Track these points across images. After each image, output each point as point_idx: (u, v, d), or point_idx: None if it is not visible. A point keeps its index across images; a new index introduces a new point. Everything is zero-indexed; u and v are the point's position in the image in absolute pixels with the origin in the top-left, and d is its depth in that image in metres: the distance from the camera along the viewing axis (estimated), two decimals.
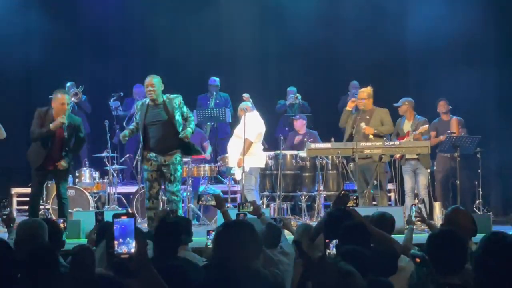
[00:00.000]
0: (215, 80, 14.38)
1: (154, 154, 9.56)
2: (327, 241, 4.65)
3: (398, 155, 11.57)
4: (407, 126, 11.83)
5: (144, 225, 10.40)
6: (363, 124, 11.17)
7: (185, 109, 9.68)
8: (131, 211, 10.33)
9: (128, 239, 3.25)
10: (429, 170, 11.76)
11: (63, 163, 9.65)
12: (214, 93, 14.26)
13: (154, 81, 9.59)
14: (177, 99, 9.63)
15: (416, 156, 11.55)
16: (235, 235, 3.88)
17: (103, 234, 5.51)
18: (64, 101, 9.62)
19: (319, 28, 15.07)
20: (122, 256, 3.24)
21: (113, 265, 3.32)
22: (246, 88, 15.25)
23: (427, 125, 11.77)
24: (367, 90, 11.51)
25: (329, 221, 4.78)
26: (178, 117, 9.55)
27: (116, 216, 3.28)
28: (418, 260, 4.11)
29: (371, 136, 11.16)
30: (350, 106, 11.47)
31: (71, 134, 9.72)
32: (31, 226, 5.18)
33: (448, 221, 5.36)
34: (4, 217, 6.58)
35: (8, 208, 6.54)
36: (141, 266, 3.28)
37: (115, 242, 3.24)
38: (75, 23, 15.17)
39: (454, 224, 5.14)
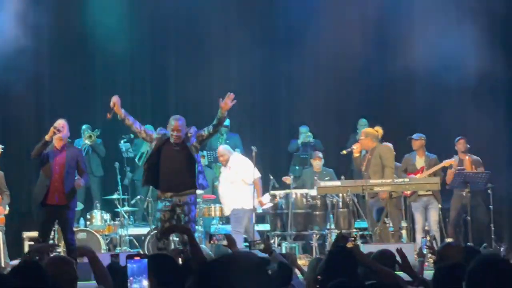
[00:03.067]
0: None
1: (169, 195, 9.38)
2: (318, 277, 4.65)
3: (409, 192, 11.52)
4: (420, 162, 11.81)
5: None
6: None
7: (204, 132, 9.46)
8: (142, 253, 10.30)
9: (140, 278, 3.33)
10: (440, 206, 11.72)
11: (80, 183, 9.73)
12: (224, 134, 14.30)
13: (181, 125, 9.36)
14: (191, 134, 9.44)
15: (431, 192, 11.52)
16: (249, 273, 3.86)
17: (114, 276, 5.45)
18: (59, 122, 9.79)
19: (328, 66, 15.17)
20: None
21: None
22: (256, 127, 15.39)
23: (454, 159, 11.81)
24: (364, 130, 11.69)
25: (330, 259, 4.77)
26: (196, 157, 9.44)
27: (130, 256, 3.37)
28: None
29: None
30: (356, 152, 11.50)
31: (72, 158, 9.80)
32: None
33: (441, 258, 5.25)
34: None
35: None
36: None
37: (128, 281, 3.31)
38: (85, 67, 15.30)
39: (446, 260, 5.03)
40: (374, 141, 11.35)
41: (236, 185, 11.83)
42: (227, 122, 14.40)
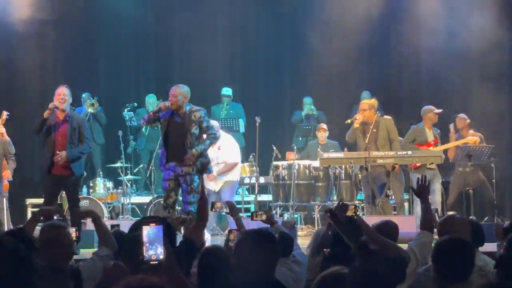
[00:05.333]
0: (228, 90, 14.38)
1: (173, 164, 9.40)
2: (324, 250, 4.68)
3: (418, 164, 11.38)
4: (430, 135, 11.69)
5: None
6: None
7: (205, 123, 9.41)
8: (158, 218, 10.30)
9: (156, 244, 3.31)
10: (441, 180, 11.70)
11: (62, 155, 9.59)
12: (226, 103, 14.26)
13: (178, 91, 9.39)
14: (198, 113, 9.39)
15: (435, 167, 11.47)
16: (256, 243, 3.89)
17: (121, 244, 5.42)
18: (60, 92, 9.68)
19: (332, 38, 15.08)
20: (152, 262, 3.30)
21: (142, 271, 3.35)
22: (260, 98, 15.35)
23: (477, 137, 11.73)
24: (368, 102, 11.47)
25: (335, 228, 4.79)
26: (194, 130, 9.36)
27: (145, 223, 3.36)
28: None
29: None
30: (357, 123, 11.21)
31: (74, 128, 9.77)
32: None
33: (443, 230, 5.19)
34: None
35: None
36: (170, 273, 3.34)
37: (144, 247, 3.31)
38: (89, 35, 15.23)
39: (448, 233, 4.94)
40: (375, 114, 11.29)
41: (219, 167, 11.61)
42: (230, 92, 14.36)
